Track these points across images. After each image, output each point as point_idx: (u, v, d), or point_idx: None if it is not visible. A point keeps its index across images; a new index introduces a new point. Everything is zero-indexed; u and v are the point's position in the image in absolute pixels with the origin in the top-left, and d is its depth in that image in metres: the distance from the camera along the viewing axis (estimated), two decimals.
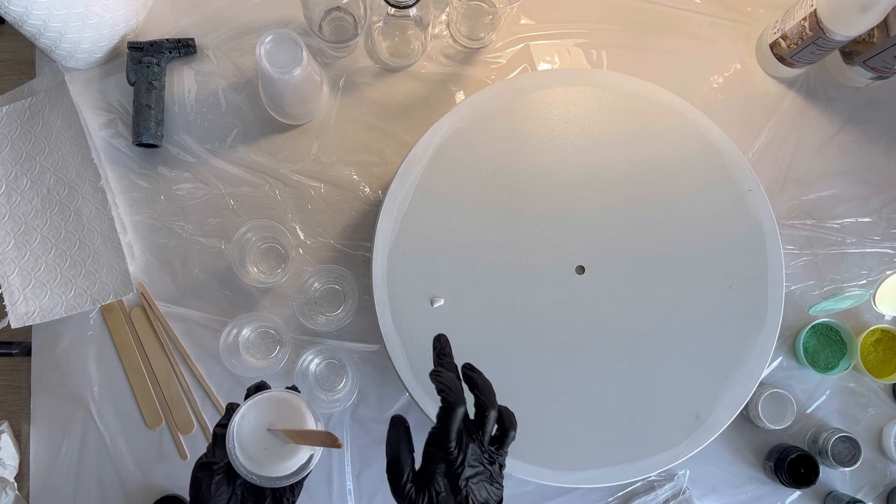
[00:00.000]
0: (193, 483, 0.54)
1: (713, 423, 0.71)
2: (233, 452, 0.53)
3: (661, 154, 0.74)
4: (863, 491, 0.83)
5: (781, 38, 0.81)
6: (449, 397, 0.54)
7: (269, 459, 0.54)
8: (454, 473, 0.54)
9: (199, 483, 0.54)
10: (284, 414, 0.55)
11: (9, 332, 0.78)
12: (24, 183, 0.80)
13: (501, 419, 0.58)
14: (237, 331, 0.78)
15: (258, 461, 0.53)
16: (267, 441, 0.54)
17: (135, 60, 0.81)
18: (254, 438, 0.54)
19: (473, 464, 0.55)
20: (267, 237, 0.81)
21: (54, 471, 0.79)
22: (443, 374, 0.56)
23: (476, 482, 0.55)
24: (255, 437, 0.54)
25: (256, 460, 0.53)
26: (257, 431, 0.54)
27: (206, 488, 0.53)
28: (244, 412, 0.54)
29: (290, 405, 0.56)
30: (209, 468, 0.54)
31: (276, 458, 0.54)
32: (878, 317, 0.85)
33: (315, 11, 0.77)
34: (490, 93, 0.74)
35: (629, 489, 0.81)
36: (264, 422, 0.55)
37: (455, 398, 0.54)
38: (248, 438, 0.54)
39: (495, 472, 0.56)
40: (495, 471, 0.56)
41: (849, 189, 0.86)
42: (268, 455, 0.54)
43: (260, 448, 0.54)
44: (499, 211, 0.72)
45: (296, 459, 0.55)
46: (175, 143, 0.83)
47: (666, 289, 0.72)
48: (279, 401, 0.56)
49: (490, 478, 0.56)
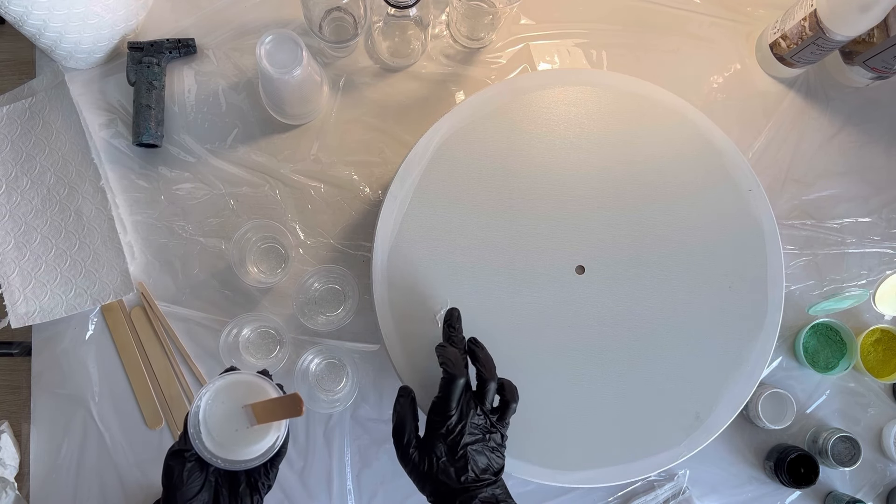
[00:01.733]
0: (166, 471, 0.54)
1: (713, 423, 0.71)
2: (195, 437, 0.52)
3: (661, 154, 0.74)
4: (863, 491, 0.83)
5: (781, 38, 0.81)
6: (450, 369, 0.57)
7: (239, 444, 0.54)
8: (454, 440, 0.56)
9: (171, 471, 0.53)
10: (251, 396, 0.55)
11: (9, 332, 0.78)
12: (25, 183, 0.80)
13: (503, 391, 0.61)
14: (237, 331, 0.78)
15: (226, 446, 0.53)
16: (235, 425, 0.54)
17: (135, 60, 0.81)
18: (221, 423, 0.54)
19: (474, 432, 0.57)
20: (267, 237, 0.81)
21: (54, 471, 0.79)
22: (446, 348, 0.60)
23: (476, 448, 0.57)
24: (222, 421, 0.54)
25: (225, 445, 0.53)
26: (225, 416, 0.54)
27: (178, 476, 0.53)
28: (208, 396, 0.54)
29: (255, 387, 0.56)
30: (181, 455, 0.54)
31: (245, 442, 0.54)
32: (877, 317, 0.85)
33: (315, 11, 0.77)
34: (490, 93, 0.74)
35: (629, 489, 0.81)
36: (232, 405, 0.54)
37: (455, 370, 0.57)
38: (216, 423, 0.54)
39: (496, 440, 0.59)
40: (496, 439, 0.59)
41: (849, 189, 0.86)
42: (237, 439, 0.54)
43: (229, 432, 0.54)
44: (499, 211, 0.72)
45: (264, 442, 0.55)
46: (175, 143, 0.83)
47: (666, 289, 0.72)
48: (245, 384, 0.56)
49: (491, 447, 0.58)
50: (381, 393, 0.81)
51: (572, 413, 0.70)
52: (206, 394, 0.54)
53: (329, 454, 0.80)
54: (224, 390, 0.55)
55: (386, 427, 0.80)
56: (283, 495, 0.79)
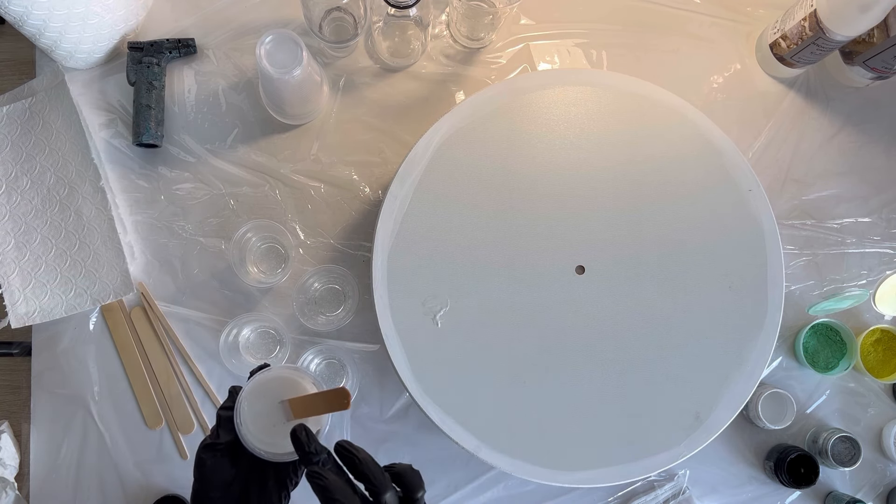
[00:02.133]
0: (198, 463, 0.54)
1: (713, 423, 0.71)
2: (240, 428, 0.53)
3: (661, 154, 0.74)
4: (863, 491, 0.83)
5: (781, 38, 0.81)
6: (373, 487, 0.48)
7: (274, 439, 0.54)
8: None
9: (203, 463, 0.53)
10: (289, 391, 0.55)
11: (9, 332, 0.78)
12: (25, 183, 0.80)
13: (402, 483, 0.50)
14: (237, 331, 0.78)
15: (263, 441, 0.54)
16: (272, 420, 0.54)
17: (135, 60, 0.81)
18: (259, 418, 0.54)
19: None
20: (267, 237, 0.81)
21: (54, 471, 0.79)
22: (325, 477, 0.48)
23: None
24: (259, 416, 0.54)
25: (261, 440, 0.54)
26: (262, 411, 0.54)
27: (210, 468, 0.53)
28: (249, 390, 0.54)
29: (294, 383, 0.56)
30: (213, 448, 0.54)
31: (280, 437, 0.54)
32: (877, 317, 0.85)
33: (315, 11, 0.77)
34: (490, 93, 0.74)
35: (629, 489, 0.81)
36: (269, 401, 0.55)
37: (381, 485, 0.48)
38: (253, 418, 0.54)
39: None
40: None
41: (849, 189, 0.86)
42: (273, 435, 0.54)
43: (267, 427, 0.54)
44: (499, 211, 0.72)
45: None
46: (175, 143, 0.83)
47: (666, 289, 0.72)
48: (283, 379, 0.56)
49: None
50: (381, 393, 0.81)
51: (572, 413, 0.70)
52: (248, 387, 0.54)
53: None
54: (259, 386, 0.55)
55: (386, 427, 0.80)
56: None
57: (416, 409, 0.80)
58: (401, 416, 0.81)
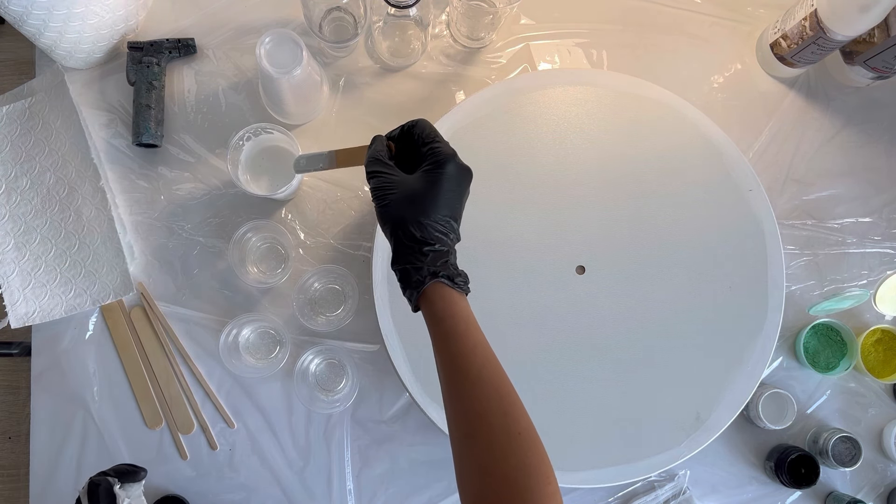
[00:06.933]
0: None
1: (713, 423, 0.71)
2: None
3: (661, 154, 0.74)
4: (863, 491, 0.83)
5: (782, 37, 0.81)
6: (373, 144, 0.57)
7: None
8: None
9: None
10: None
11: (9, 332, 0.78)
12: (24, 183, 0.80)
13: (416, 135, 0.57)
14: (237, 331, 0.78)
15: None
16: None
17: (135, 60, 0.81)
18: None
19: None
20: (267, 237, 0.81)
21: (54, 471, 0.79)
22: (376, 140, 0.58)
23: None
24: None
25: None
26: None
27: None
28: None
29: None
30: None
31: None
32: (878, 317, 0.85)
33: (315, 11, 0.77)
34: (490, 93, 0.74)
35: (629, 489, 0.81)
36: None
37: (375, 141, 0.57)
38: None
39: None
40: None
41: (849, 189, 0.86)
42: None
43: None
44: (499, 211, 0.72)
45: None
46: (175, 143, 0.83)
47: (666, 289, 0.72)
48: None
49: None
50: (381, 393, 0.81)
51: (572, 413, 0.70)
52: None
53: (329, 454, 0.79)
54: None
55: (386, 427, 0.80)
56: (282, 495, 0.79)
57: (416, 410, 0.80)
58: (401, 416, 0.81)
